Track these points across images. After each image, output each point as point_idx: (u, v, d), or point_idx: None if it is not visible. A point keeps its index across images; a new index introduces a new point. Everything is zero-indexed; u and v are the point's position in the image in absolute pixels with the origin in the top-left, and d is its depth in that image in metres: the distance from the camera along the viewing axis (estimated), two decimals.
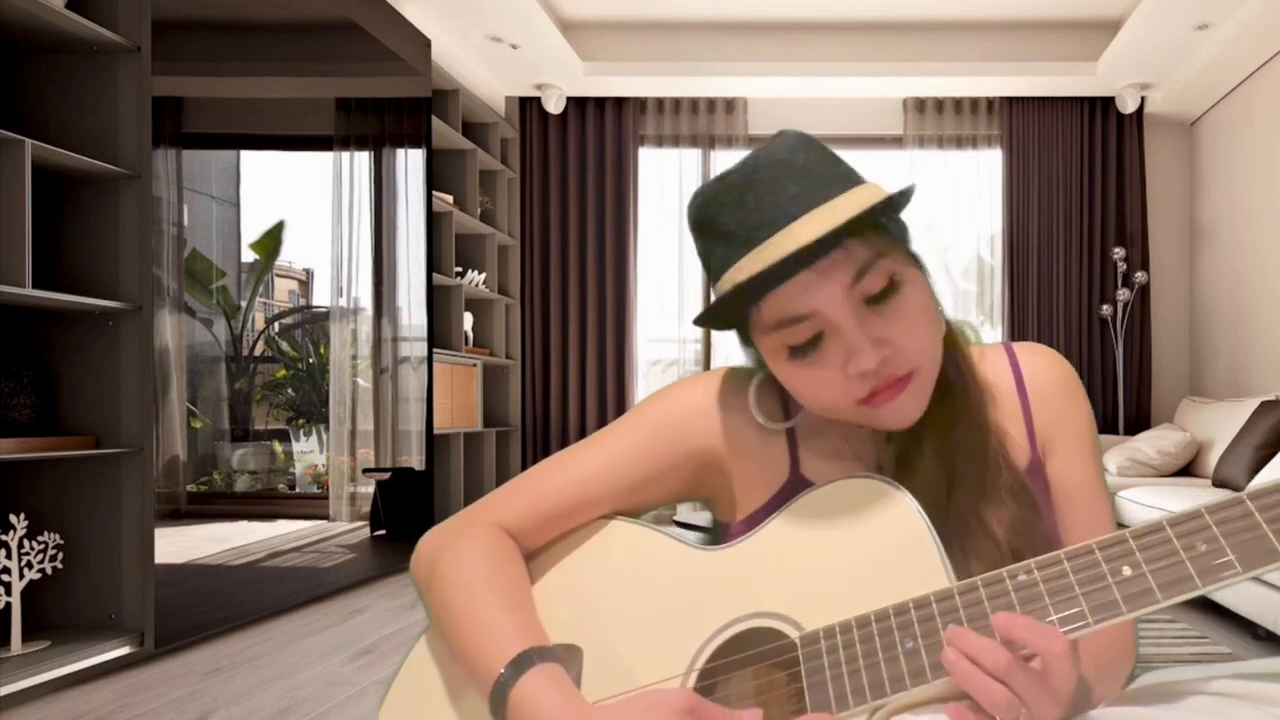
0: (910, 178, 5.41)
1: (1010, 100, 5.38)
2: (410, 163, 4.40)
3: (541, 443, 5.52)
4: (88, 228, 2.61)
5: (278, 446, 4.26)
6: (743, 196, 0.71)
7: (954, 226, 5.50)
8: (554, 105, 5.35)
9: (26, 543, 2.41)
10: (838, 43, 5.05)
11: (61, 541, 2.49)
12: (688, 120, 5.52)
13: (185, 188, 3.49)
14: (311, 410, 4.43)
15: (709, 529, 0.94)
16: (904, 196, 0.72)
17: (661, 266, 5.64)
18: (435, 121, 4.48)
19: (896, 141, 5.53)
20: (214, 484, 3.91)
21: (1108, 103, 5.36)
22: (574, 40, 4.94)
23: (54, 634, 2.49)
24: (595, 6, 4.83)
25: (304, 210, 4.28)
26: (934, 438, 0.77)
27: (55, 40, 2.53)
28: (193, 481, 3.76)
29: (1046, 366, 0.85)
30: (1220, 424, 4.28)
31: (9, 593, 2.37)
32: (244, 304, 4.11)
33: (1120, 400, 5.29)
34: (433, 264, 4.41)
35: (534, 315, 5.56)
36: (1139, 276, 5.28)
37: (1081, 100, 5.37)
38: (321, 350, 4.45)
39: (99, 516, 2.60)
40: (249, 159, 4.17)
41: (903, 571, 0.70)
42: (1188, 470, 4.42)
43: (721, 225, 0.72)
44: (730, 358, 5.55)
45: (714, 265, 0.74)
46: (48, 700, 2.26)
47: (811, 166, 0.71)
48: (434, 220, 4.45)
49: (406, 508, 4.29)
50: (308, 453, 4.38)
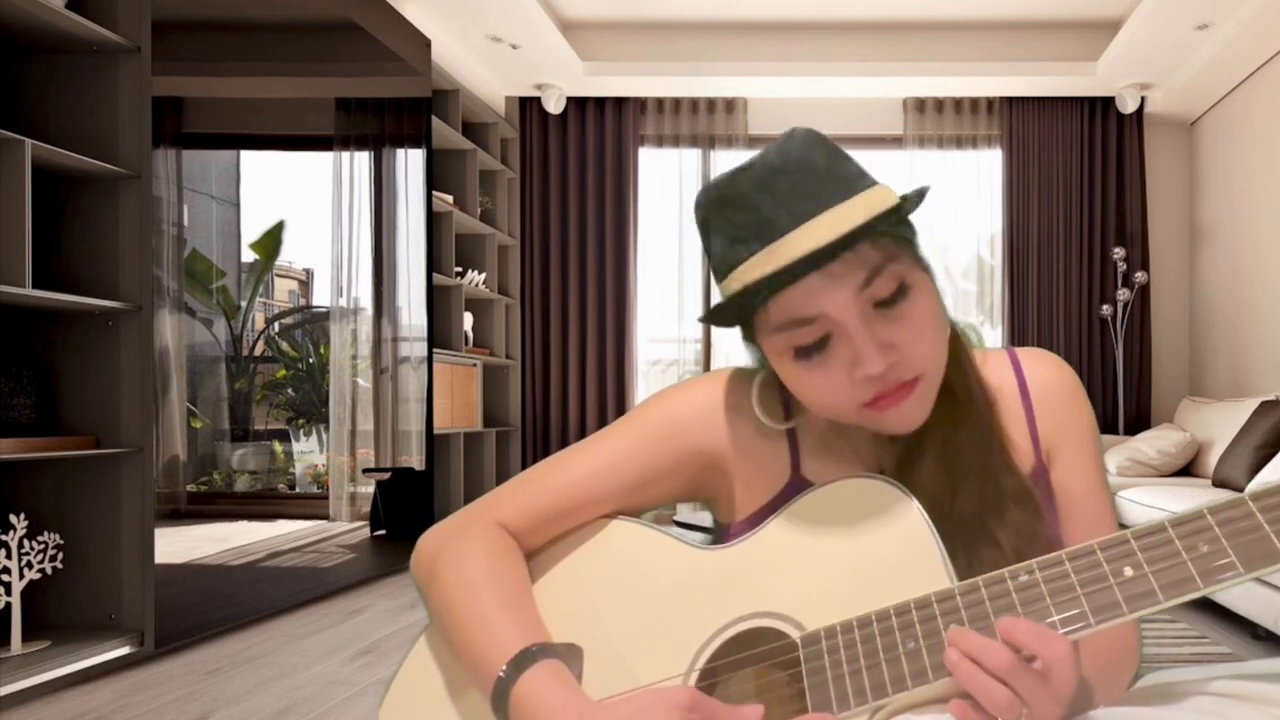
0: (910, 178, 5.41)
1: (1010, 100, 5.38)
2: (410, 163, 4.40)
3: (541, 443, 5.52)
4: (88, 228, 2.61)
5: (278, 446, 4.26)
6: (754, 194, 0.70)
7: (954, 226, 5.50)
8: (554, 105, 5.35)
9: (26, 543, 2.41)
10: (838, 43, 5.05)
11: (61, 541, 2.49)
12: (688, 120, 5.51)
13: (185, 188, 3.49)
14: (311, 410, 4.43)
15: (710, 529, 0.94)
16: (918, 198, 0.71)
17: (661, 266, 5.64)
18: (435, 121, 4.48)
19: (896, 141, 5.53)
20: (214, 484, 3.91)
21: (1108, 103, 5.36)
22: (574, 40, 4.94)
23: (54, 634, 2.49)
24: (595, 6, 4.83)
25: (304, 210, 4.28)
26: (936, 441, 0.77)
27: (55, 40, 2.53)
28: (193, 481, 3.76)
29: (1050, 372, 0.85)
30: (1220, 424, 4.28)
31: (9, 593, 2.37)
32: (244, 304, 4.11)
33: (1120, 400, 5.29)
34: (433, 264, 4.41)
35: (534, 315, 5.56)
36: (1139, 276, 5.27)
37: (1081, 100, 5.36)
38: (321, 350, 4.45)
39: (99, 516, 2.59)
40: (249, 159, 4.17)
41: (904, 571, 0.70)
42: (1188, 470, 4.42)
43: (732, 222, 0.71)
44: (730, 358, 5.55)
45: (721, 262, 0.73)
46: (48, 700, 2.26)
47: (824, 166, 0.70)
48: (434, 220, 4.45)
49: (406, 508, 4.29)
50: (308, 453, 4.38)
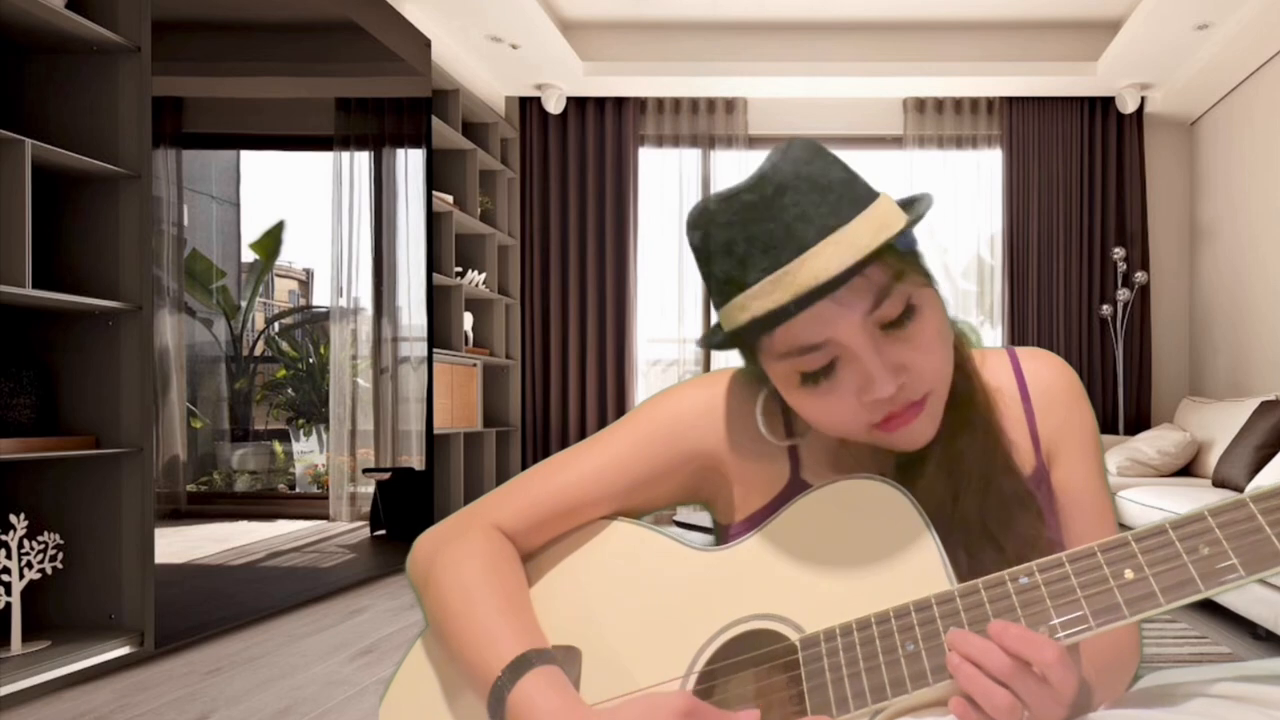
0: (910, 178, 5.41)
1: (1010, 100, 5.38)
2: (410, 163, 4.39)
3: (541, 443, 5.52)
4: (88, 228, 2.61)
5: (278, 446, 4.26)
6: (753, 218, 0.67)
7: (954, 226, 5.50)
8: (554, 105, 5.34)
9: (26, 543, 2.41)
10: (838, 43, 5.05)
11: (61, 541, 2.49)
12: (688, 120, 5.51)
13: (185, 188, 3.49)
14: (311, 410, 4.43)
15: (710, 529, 0.93)
16: (924, 211, 0.70)
17: (661, 266, 5.64)
18: (435, 121, 4.48)
19: (896, 141, 5.52)
20: (214, 484, 3.91)
21: (1108, 103, 5.35)
22: (574, 40, 4.94)
23: (54, 634, 2.49)
24: (595, 6, 4.82)
25: (304, 210, 4.28)
26: (937, 443, 0.76)
27: (55, 40, 2.53)
28: (193, 481, 3.76)
29: (1050, 372, 0.84)
30: (1220, 424, 4.27)
31: (9, 593, 2.37)
32: (244, 304, 4.11)
33: (1120, 400, 5.29)
34: (433, 264, 4.41)
35: (534, 315, 5.56)
36: (1139, 276, 5.27)
37: (1081, 100, 5.36)
38: (321, 350, 4.45)
39: (99, 516, 2.59)
40: (249, 159, 4.17)
41: (903, 573, 0.69)
42: (1188, 470, 4.41)
43: (730, 248, 0.68)
44: (730, 359, 5.53)
45: (723, 286, 0.70)
46: (48, 700, 2.26)
47: (825, 183, 0.68)
48: (434, 220, 4.44)
49: (406, 508, 4.29)
50: (308, 453, 4.37)
